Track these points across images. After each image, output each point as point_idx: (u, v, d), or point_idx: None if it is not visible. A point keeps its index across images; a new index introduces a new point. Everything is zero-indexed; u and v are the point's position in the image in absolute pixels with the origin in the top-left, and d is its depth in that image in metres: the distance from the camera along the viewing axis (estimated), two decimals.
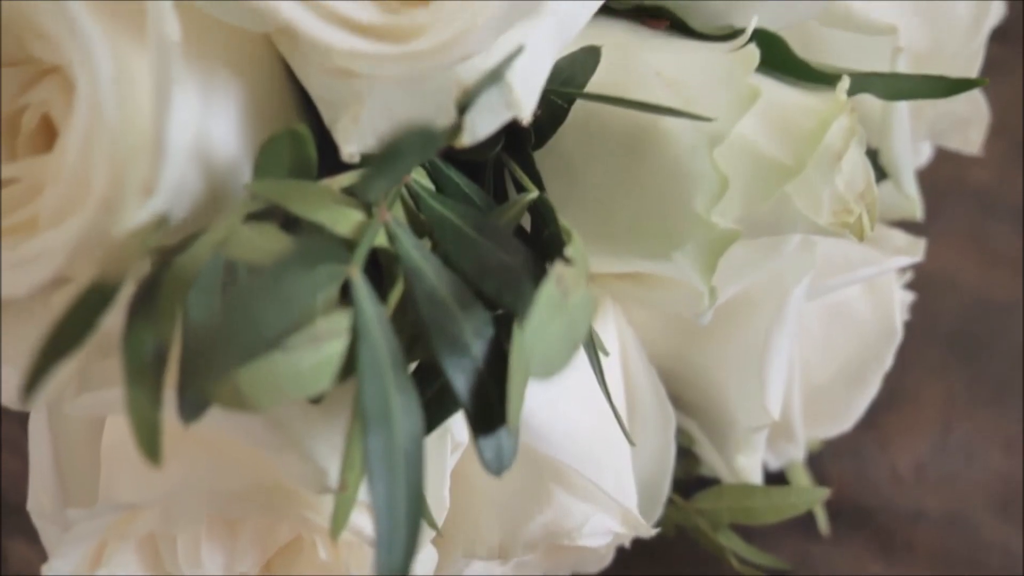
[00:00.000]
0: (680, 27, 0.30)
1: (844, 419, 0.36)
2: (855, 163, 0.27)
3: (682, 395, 0.36)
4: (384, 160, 0.20)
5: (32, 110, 0.22)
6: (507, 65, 0.21)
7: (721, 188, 0.24)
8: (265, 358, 0.19)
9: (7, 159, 0.21)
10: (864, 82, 0.28)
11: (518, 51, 0.21)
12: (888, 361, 0.35)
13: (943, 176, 0.48)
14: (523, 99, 0.21)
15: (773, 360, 0.32)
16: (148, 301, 0.19)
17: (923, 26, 0.34)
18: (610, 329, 0.33)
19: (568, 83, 0.26)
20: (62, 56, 0.20)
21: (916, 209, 0.36)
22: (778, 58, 0.28)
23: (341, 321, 0.20)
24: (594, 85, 0.27)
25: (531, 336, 0.20)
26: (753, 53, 0.25)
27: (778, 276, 0.32)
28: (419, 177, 0.25)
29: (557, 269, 0.21)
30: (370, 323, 0.20)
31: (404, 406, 0.20)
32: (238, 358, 0.18)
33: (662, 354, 0.35)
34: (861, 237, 0.27)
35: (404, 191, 0.24)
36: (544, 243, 0.26)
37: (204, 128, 0.22)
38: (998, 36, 0.74)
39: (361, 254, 0.21)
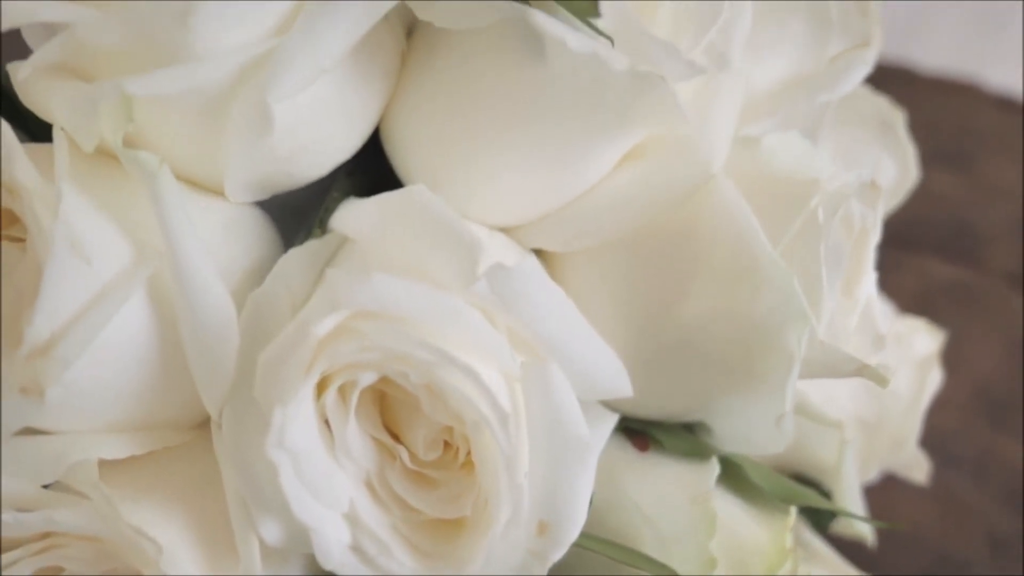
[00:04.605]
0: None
1: None
2: None
3: None
4: None
5: None
6: None
7: None
8: None
9: None
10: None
11: None
12: None
13: None
14: None
15: None
16: None
17: (871, 401, 0.40)
18: None
19: None
20: None
21: (868, 537, 0.42)
22: (737, 481, 0.34)
23: None
24: None
25: None
26: (713, 517, 0.31)
27: None
28: None
29: None
30: None
31: None
32: None
33: None
34: None
35: None
36: None
37: None
38: (967, 258, 0.80)
39: None
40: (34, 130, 0.31)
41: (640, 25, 0.26)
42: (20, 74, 0.25)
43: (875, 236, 0.34)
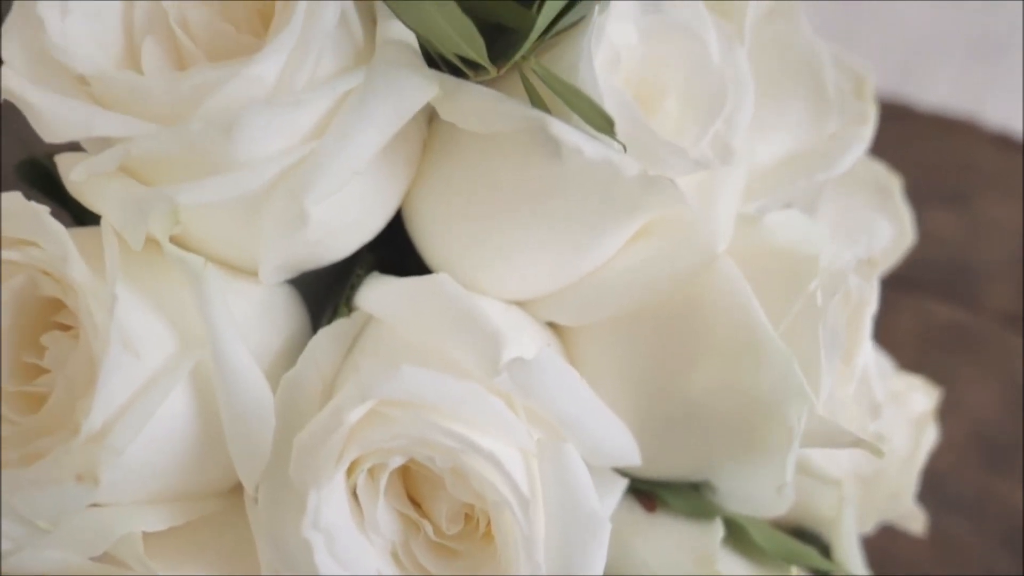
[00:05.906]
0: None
1: None
2: None
3: None
4: None
5: None
6: None
7: None
8: None
9: None
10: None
11: None
12: None
13: None
14: None
15: None
16: None
17: (868, 457, 0.42)
18: None
19: None
20: None
21: None
22: (740, 540, 0.36)
23: None
24: None
25: None
26: None
27: None
28: None
29: None
30: None
31: None
32: None
33: None
34: None
35: None
36: None
37: None
38: (965, 299, 0.81)
39: None
40: (70, 203, 0.32)
41: (648, 129, 0.28)
42: (73, 175, 0.27)
43: (872, 308, 0.36)
